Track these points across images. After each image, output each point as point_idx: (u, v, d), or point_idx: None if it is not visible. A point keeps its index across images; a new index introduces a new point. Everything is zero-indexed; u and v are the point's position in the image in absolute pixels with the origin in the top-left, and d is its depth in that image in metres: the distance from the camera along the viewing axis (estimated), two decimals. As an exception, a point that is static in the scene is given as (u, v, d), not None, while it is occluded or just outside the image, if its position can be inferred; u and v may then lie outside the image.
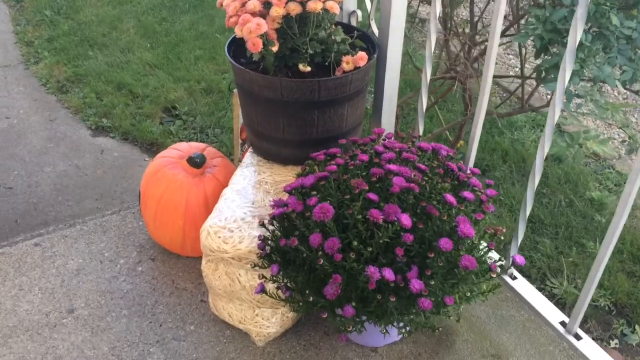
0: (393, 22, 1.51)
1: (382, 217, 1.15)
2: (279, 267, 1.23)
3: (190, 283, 1.67)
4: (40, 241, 1.80)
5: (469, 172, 1.36)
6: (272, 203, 1.32)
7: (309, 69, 1.47)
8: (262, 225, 1.30)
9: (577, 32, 1.11)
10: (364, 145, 1.42)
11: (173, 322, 1.56)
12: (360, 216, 1.16)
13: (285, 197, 1.46)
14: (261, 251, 1.29)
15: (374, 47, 1.57)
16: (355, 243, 1.14)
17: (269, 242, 1.29)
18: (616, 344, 1.96)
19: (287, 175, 1.57)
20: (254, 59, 1.48)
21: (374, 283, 1.12)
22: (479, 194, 1.27)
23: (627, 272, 2.19)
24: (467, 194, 1.24)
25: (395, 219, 1.15)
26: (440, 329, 1.23)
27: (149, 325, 1.55)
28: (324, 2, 1.39)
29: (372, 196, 1.19)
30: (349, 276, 1.16)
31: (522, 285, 1.44)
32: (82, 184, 2.25)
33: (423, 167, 1.29)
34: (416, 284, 1.13)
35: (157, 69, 3.10)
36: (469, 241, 1.19)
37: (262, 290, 1.29)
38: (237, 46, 1.60)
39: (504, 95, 3.32)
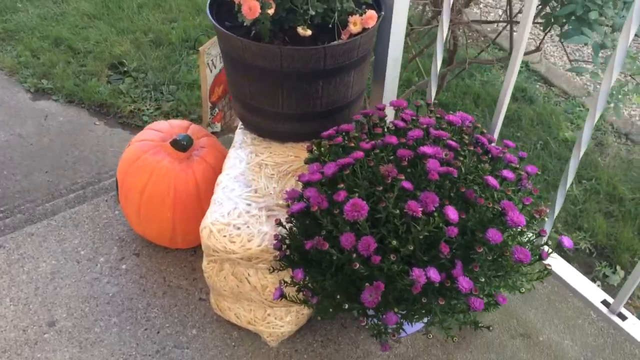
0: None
1: (421, 209, 1.00)
2: (303, 271, 1.07)
3: (185, 279, 1.50)
4: (2, 242, 1.57)
5: (501, 145, 1.21)
6: (285, 196, 1.14)
7: (309, 32, 1.26)
8: (280, 224, 1.12)
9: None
10: (381, 121, 1.25)
11: (172, 327, 1.39)
12: (397, 210, 1.00)
13: (295, 185, 1.29)
14: (278, 252, 1.12)
15: (379, 1, 1.37)
16: (394, 243, 0.99)
17: (286, 241, 1.12)
18: (598, 285, 1.93)
19: (288, 155, 1.39)
20: (243, 23, 1.26)
21: (420, 287, 0.98)
22: (520, 172, 1.13)
23: (604, 212, 2.16)
24: (507, 173, 1.10)
25: (434, 208, 1.00)
26: (481, 323, 1.12)
27: (144, 333, 1.37)
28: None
29: (407, 184, 1.03)
30: (387, 278, 1.02)
31: (561, 266, 1.34)
32: (28, 155, 2.01)
33: (454, 144, 1.13)
34: (465, 283, 1.00)
35: (97, 20, 2.79)
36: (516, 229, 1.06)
37: (282, 295, 1.13)
38: (219, 5, 1.37)
39: (483, 40, 3.18)
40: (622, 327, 1.20)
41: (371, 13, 1.25)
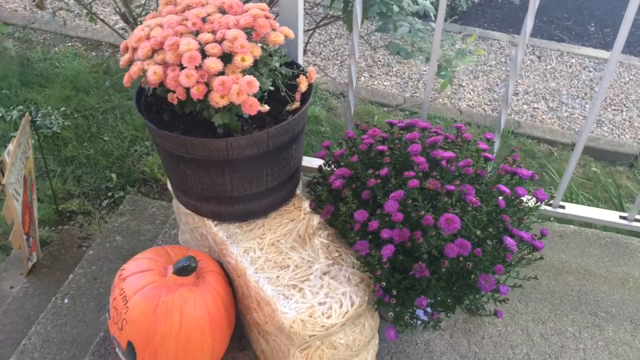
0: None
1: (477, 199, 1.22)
2: (426, 298, 1.20)
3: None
4: None
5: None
6: (357, 247, 1.23)
7: (267, 107, 1.32)
8: (376, 278, 1.21)
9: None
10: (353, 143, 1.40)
11: None
12: (458, 209, 1.21)
13: (320, 244, 1.37)
14: (381, 298, 1.22)
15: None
16: (478, 232, 1.20)
17: (383, 283, 1.22)
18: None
19: (283, 222, 1.43)
20: (185, 111, 1.24)
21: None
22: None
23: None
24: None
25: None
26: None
27: None
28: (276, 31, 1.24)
29: (450, 187, 1.24)
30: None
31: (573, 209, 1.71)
32: None
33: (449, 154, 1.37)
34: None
35: None
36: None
37: (397, 335, 1.24)
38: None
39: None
40: None
41: (311, 69, 1.36)
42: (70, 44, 3.84)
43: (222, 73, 1.15)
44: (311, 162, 1.74)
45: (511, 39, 4.16)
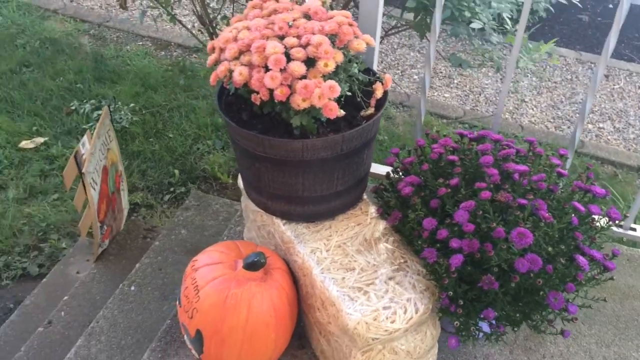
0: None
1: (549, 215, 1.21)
2: (493, 310, 1.20)
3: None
4: None
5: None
6: (425, 254, 1.24)
7: (343, 112, 1.34)
8: (443, 287, 1.21)
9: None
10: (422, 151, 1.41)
11: None
12: (529, 223, 1.20)
13: (385, 249, 1.38)
14: (447, 307, 1.22)
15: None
16: (549, 249, 1.19)
17: (450, 293, 1.23)
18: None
19: (349, 225, 1.45)
20: (264, 111, 1.29)
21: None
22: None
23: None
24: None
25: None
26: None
27: None
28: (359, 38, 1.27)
29: (522, 201, 1.23)
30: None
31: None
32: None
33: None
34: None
35: None
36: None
37: (458, 344, 1.24)
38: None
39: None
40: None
41: (387, 76, 1.39)
42: (141, 43, 3.99)
43: (304, 77, 1.19)
44: (377, 168, 1.76)
45: (578, 56, 4.07)
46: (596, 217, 1.31)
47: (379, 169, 1.74)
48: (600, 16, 4.57)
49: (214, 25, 2.55)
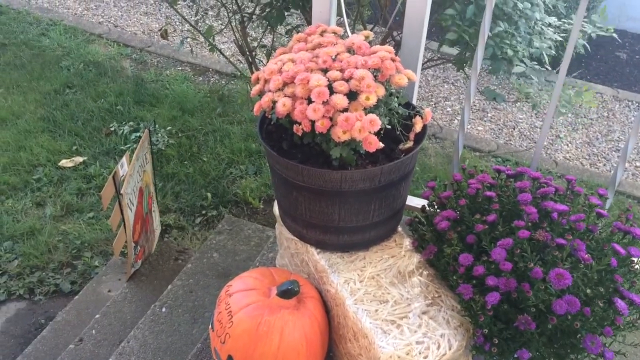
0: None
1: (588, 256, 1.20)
2: (528, 351, 1.18)
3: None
4: None
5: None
6: (461, 290, 1.23)
7: (382, 145, 1.36)
8: (478, 324, 1.20)
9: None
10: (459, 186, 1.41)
11: None
12: (568, 264, 1.19)
13: (419, 282, 1.38)
14: (482, 345, 1.21)
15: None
16: (588, 291, 1.18)
17: (485, 331, 1.22)
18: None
19: (383, 257, 1.45)
20: (303, 141, 1.31)
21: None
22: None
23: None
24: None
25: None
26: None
27: None
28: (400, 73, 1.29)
29: (560, 241, 1.22)
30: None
31: None
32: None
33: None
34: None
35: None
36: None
37: (494, 380, 1.22)
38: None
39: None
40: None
41: (427, 110, 1.40)
42: (180, 68, 4.10)
43: (346, 109, 1.21)
44: (410, 200, 1.77)
45: (615, 94, 4.03)
46: (636, 259, 1.29)
47: (413, 201, 1.75)
48: (638, 54, 4.53)
49: (254, 54, 2.61)
